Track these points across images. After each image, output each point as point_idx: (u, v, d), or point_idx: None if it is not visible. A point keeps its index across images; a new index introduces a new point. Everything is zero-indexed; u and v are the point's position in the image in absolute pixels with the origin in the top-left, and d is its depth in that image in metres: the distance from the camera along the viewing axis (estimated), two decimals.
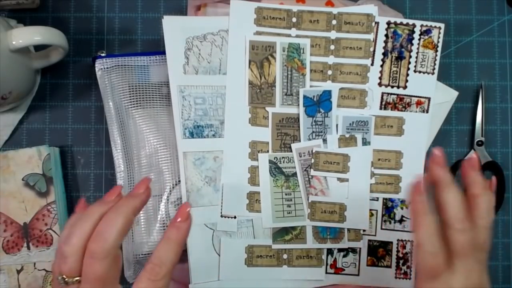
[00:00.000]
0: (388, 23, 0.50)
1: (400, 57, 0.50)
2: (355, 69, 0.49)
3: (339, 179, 0.49)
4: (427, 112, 0.50)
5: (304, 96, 0.49)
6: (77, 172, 0.52)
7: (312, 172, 0.48)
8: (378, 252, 0.49)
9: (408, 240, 0.49)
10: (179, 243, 0.33)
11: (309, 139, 0.49)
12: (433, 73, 0.50)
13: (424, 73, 0.50)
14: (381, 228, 0.49)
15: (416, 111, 0.50)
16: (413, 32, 0.50)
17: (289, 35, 0.49)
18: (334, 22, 0.49)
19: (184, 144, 0.47)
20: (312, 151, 0.49)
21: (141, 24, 0.53)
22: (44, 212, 0.48)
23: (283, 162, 0.48)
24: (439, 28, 0.50)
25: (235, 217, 0.48)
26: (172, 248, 0.33)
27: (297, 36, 0.49)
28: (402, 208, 0.49)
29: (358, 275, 0.49)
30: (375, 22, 0.50)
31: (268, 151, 0.48)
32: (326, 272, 0.48)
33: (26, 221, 0.48)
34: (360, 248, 0.49)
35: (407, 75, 0.50)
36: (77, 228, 0.31)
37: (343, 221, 0.48)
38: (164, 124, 0.48)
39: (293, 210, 0.48)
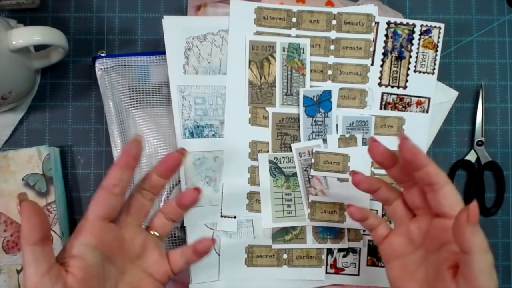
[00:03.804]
0: (388, 23, 0.50)
1: (400, 57, 0.50)
2: (355, 69, 0.49)
3: (339, 179, 0.49)
4: (427, 112, 0.50)
5: (304, 96, 0.49)
6: (77, 172, 0.52)
7: (312, 172, 0.48)
8: (378, 252, 0.49)
9: None
10: None
11: (309, 139, 0.49)
12: (433, 73, 0.50)
13: (424, 73, 0.50)
14: None
15: (416, 111, 0.50)
16: (413, 32, 0.50)
17: (289, 35, 0.49)
18: (334, 22, 0.49)
19: (184, 144, 0.47)
20: (312, 151, 0.49)
21: (141, 24, 0.53)
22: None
23: (283, 162, 0.48)
24: (439, 28, 0.50)
25: (235, 217, 0.48)
26: None
27: (297, 36, 0.49)
28: None
29: (358, 275, 0.49)
30: (375, 22, 0.50)
31: (268, 151, 0.48)
32: (326, 272, 0.48)
33: None
34: (360, 248, 0.49)
35: (407, 75, 0.50)
36: None
37: (343, 221, 0.48)
38: (164, 124, 0.48)
39: (293, 210, 0.48)
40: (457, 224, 0.30)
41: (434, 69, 0.50)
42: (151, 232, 0.39)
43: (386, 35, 0.50)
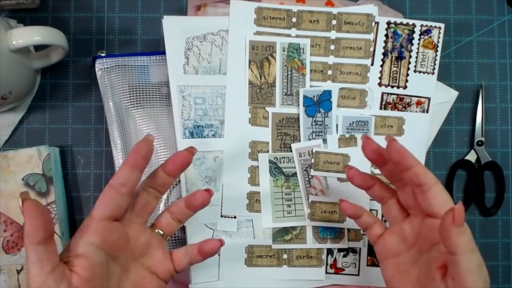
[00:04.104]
0: (388, 23, 0.50)
1: (400, 57, 0.50)
2: (355, 69, 0.49)
3: (339, 179, 0.49)
4: (427, 112, 0.50)
5: (304, 96, 0.49)
6: (77, 172, 0.52)
7: (312, 172, 0.48)
8: None
9: None
10: None
11: (309, 139, 0.49)
12: (433, 73, 0.50)
13: (424, 73, 0.50)
14: None
15: (416, 111, 0.50)
16: (413, 32, 0.50)
17: (289, 35, 0.49)
18: (334, 22, 0.49)
19: (184, 144, 0.47)
20: (312, 151, 0.49)
21: (141, 24, 0.53)
22: None
23: (283, 162, 0.48)
24: (439, 28, 0.50)
25: (235, 217, 0.48)
26: None
27: (297, 36, 0.49)
28: None
29: (358, 275, 0.49)
30: (375, 22, 0.50)
31: (268, 151, 0.48)
32: (326, 272, 0.48)
33: None
34: (360, 248, 0.49)
35: (407, 75, 0.50)
36: None
37: (343, 221, 0.48)
38: (164, 124, 0.48)
39: (293, 210, 0.48)
40: (443, 225, 0.31)
41: (434, 69, 0.50)
42: (156, 230, 0.39)
43: (386, 35, 0.50)
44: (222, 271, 0.47)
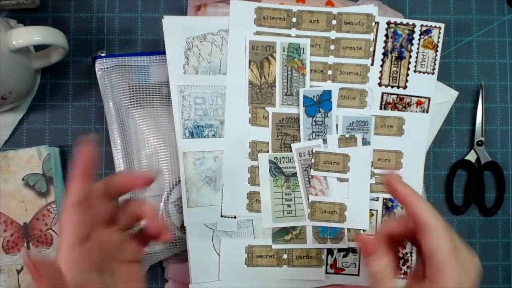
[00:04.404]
0: (388, 23, 0.50)
1: (400, 57, 0.50)
2: (355, 69, 0.49)
3: (339, 179, 0.49)
4: (427, 112, 0.50)
5: (304, 96, 0.49)
6: None
7: (312, 172, 0.48)
8: None
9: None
10: None
11: (309, 139, 0.49)
12: (433, 73, 0.50)
13: (424, 73, 0.50)
14: None
15: (416, 111, 0.50)
16: (413, 32, 0.50)
17: (289, 35, 0.49)
18: (334, 22, 0.49)
19: (184, 144, 0.47)
20: (312, 151, 0.49)
21: (141, 24, 0.53)
22: (44, 212, 0.48)
23: (283, 162, 0.48)
24: (439, 28, 0.50)
25: (235, 217, 0.48)
26: None
27: (297, 36, 0.49)
28: (402, 208, 0.49)
29: (358, 275, 0.49)
30: (375, 22, 0.50)
31: (268, 151, 0.48)
32: (326, 272, 0.48)
33: (26, 221, 0.48)
34: (360, 248, 0.49)
35: (407, 75, 0.50)
36: None
37: (343, 221, 0.48)
38: (164, 124, 0.48)
39: (293, 210, 0.48)
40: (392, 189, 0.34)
41: (434, 69, 0.50)
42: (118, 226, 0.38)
43: (386, 35, 0.50)
44: (222, 271, 0.47)
